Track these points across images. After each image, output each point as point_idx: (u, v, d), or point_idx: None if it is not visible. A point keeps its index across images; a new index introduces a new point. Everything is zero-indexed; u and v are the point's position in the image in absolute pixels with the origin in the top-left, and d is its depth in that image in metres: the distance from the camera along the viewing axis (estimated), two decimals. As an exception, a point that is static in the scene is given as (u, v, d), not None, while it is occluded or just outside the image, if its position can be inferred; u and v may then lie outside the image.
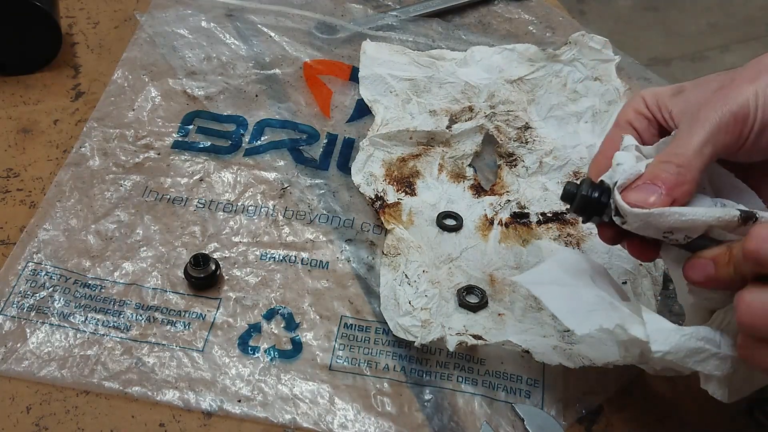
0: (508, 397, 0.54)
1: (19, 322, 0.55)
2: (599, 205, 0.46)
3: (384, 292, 0.58)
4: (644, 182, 0.44)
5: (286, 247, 0.61)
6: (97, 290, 0.57)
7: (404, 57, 0.76)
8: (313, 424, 0.52)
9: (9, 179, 0.64)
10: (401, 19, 0.81)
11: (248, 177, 0.66)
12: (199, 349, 0.55)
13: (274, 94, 0.73)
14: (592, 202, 0.46)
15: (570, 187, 0.47)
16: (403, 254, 0.60)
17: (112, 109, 0.70)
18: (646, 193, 0.44)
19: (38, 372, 0.53)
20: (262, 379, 0.54)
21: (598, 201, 0.46)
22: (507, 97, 0.72)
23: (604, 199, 0.46)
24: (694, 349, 0.43)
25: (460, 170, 0.68)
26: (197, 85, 0.73)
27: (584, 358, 0.53)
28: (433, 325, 0.54)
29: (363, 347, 0.56)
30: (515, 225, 0.63)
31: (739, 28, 2.12)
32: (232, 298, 0.58)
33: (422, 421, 0.52)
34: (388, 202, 0.64)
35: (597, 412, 0.54)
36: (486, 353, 0.56)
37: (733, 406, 0.55)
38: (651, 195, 0.44)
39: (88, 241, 0.60)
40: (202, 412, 0.52)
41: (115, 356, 0.54)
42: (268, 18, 0.80)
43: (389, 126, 0.69)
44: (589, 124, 0.70)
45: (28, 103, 0.71)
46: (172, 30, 0.77)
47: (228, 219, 0.63)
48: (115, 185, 0.64)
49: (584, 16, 2.07)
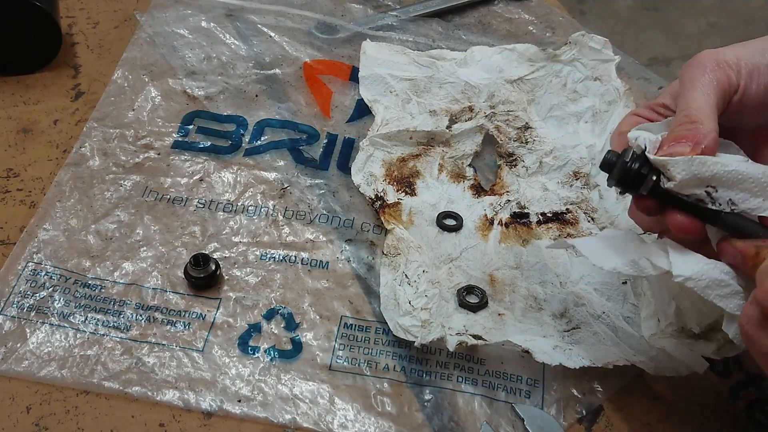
0: (508, 397, 0.54)
1: (19, 322, 0.55)
2: (638, 177, 0.45)
3: (384, 292, 0.58)
4: (669, 143, 0.45)
5: (286, 247, 0.61)
6: (97, 290, 0.57)
7: (404, 57, 0.76)
8: (313, 424, 0.52)
9: (9, 179, 0.64)
10: (401, 19, 0.81)
11: (248, 177, 0.66)
12: (199, 349, 0.55)
13: (274, 94, 0.73)
14: (632, 172, 0.45)
15: (611, 156, 0.46)
16: (403, 254, 0.60)
17: (112, 109, 0.70)
18: (680, 146, 0.44)
19: (38, 372, 0.53)
20: (262, 379, 0.54)
21: (638, 172, 0.45)
22: (507, 97, 0.72)
23: (644, 171, 0.45)
24: (717, 280, 0.43)
25: (460, 170, 0.68)
26: (197, 85, 0.73)
27: (584, 358, 0.53)
28: (433, 325, 0.54)
29: (363, 347, 0.56)
30: (515, 225, 0.63)
31: (739, 28, 2.12)
32: (232, 298, 0.58)
33: (422, 421, 0.52)
34: (388, 202, 0.64)
35: (597, 412, 0.54)
36: (486, 353, 0.56)
37: (733, 406, 0.55)
38: (684, 148, 0.44)
39: (88, 241, 0.60)
40: (202, 412, 0.52)
41: (115, 356, 0.54)
42: (268, 18, 0.80)
43: (389, 126, 0.69)
44: (589, 124, 0.70)
45: (28, 103, 0.71)
46: (172, 30, 0.77)
47: (228, 219, 0.63)
48: (115, 185, 0.64)
49: (584, 16, 2.07)
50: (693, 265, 0.44)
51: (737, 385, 0.56)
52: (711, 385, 0.56)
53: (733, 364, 0.57)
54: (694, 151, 0.44)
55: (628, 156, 0.45)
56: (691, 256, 0.45)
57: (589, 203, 0.65)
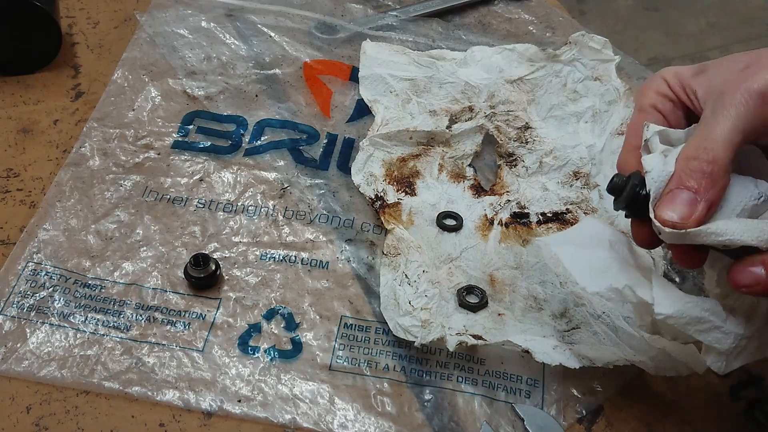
0: (508, 397, 0.54)
1: (19, 322, 0.55)
2: (646, 202, 0.44)
3: (384, 292, 0.58)
4: (676, 187, 0.42)
5: (286, 247, 0.61)
6: (97, 290, 0.57)
7: (404, 57, 0.76)
8: (313, 424, 0.52)
9: (9, 179, 0.64)
10: (401, 19, 0.81)
11: (248, 177, 0.66)
12: (199, 349, 0.55)
13: (274, 94, 0.73)
14: (640, 198, 0.44)
15: (618, 180, 0.45)
16: (403, 254, 0.60)
17: (112, 109, 0.70)
18: (679, 205, 0.41)
19: (38, 372, 0.53)
20: (262, 379, 0.54)
21: (646, 197, 0.44)
22: (507, 97, 0.72)
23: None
24: (697, 317, 0.43)
25: (460, 170, 0.68)
26: (197, 85, 0.73)
27: (584, 358, 0.53)
28: (433, 325, 0.54)
29: (363, 347, 0.56)
30: (515, 225, 0.63)
31: (739, 28, 2.12)
32: (232, 298, 0.58)
33: (422, 421, 0.52)
34: (388, 202, 0.64)
35: (597, 412, 0.54)
36: (486, 353, 0.56)
37: (733, 406, 0.55)
38: (684, 206, 0.41)
39: (88, 241, 0.60)
40: (202, 412, 0.52)
41: (115, 356, 0.54)
42: (268, 18, 0.80)
43: (389, 126, 0.69)
44: (589, 124, 0.70)
45: (28, 103, 0.71)
46: (172, 30, 0.77)
47: (228, 219, 0.63)
48: (115, 185, 0.64)
49: (584, 16, 2.07)
50: (674, 303, 0.44)
51: (737, 385, 0.56)
52: (711, 385, 0.56)
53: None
54: (700, 213, 0.41)
55: (637, 180, 0.44)
56: (674, 292, 0.44)
57: (589, 203, 0.65)
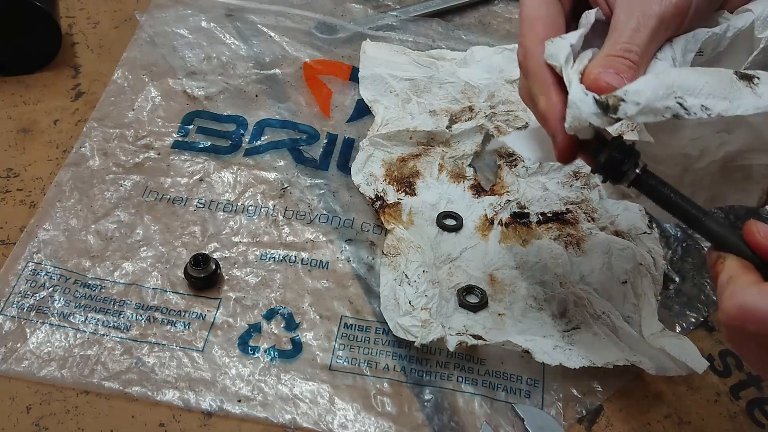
0: (508, 397, 0.54)
1: (19, 322, 0.55)
2: (622, 167, 0.43)
3: (384, 292, 0.58)
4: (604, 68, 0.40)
5: (286, 247, 0.61)
6: (97, 290, 0.57)
7: (404, 57, 0.76)
8: (313, 424, 0.52)
9: (9, 179, 0.64)
10: (401, 19, 0.81)
11: (248, 177, 0.66)
12: (199, 349, 0.55)
13: (274, 94, 0.73)
14: (617, 161, 0.42)
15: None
16: (403, 254, 0.60)
17: (112, 109, 0.70)
18: (612, 71, 0.40)
19: (38, 372, 0.53)
20: (262, 379, 0.54)
21: (622, 162, 0.42)
22: (507, 97, 0.72)
23: (627, 166, 0.43)
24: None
25: (460, 170, 0.68)
26: (197, 85, 0.73)
27: (584, 358, 0.53)
28: (433, 325, 0.54)
29: (363, 347, 0.56)
30: (515, 225, 0.63)
31: (739, 28, 2.12)
32: (232, 298, 0.58)
33: (422, 421, 0.52)
34: (388, 202, 0.64)
35: (597, 412, 0.54)
36: (486, 353, 0.56)
37: (733, 406, 0.55)
38: (616, 78, 0.40)
39: (88, 241, 0.60)
40: (202, 412, 0.52)
41: (115, 356, 0.54)
42: (268, 18, 0.80)
43: (389, 126, 0.69)
44: (589, 124, 0.70)
45: (28, 103, 0.71)
46: (172, 30, 0.77)
47: (228, 219, 0.63)
48: (115, 185, 0.64)
49: (584, 16, 2.07)
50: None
51: (737, 385, 0.56)
52: (711, 385, 0.56)
53: (733, 364, 0.57)
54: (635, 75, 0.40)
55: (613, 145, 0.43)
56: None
57: (589, 203, 0.65)
